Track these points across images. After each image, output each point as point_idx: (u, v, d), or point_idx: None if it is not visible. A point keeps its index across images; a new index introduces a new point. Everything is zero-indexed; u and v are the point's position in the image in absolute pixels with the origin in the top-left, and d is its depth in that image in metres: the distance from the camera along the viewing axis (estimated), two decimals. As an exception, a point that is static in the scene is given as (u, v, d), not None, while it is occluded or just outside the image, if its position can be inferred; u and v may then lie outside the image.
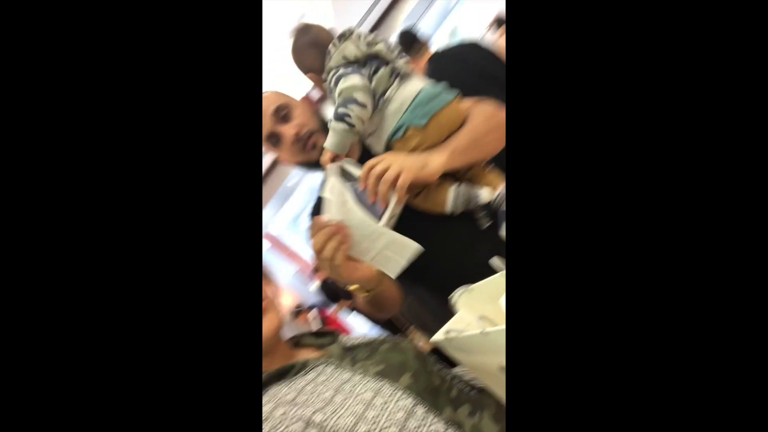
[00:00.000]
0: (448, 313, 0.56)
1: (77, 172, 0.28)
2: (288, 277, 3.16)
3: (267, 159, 2.53)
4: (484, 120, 0.74)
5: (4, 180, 0.26)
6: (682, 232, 0.25)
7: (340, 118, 0.69)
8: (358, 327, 3.02)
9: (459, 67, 1.27)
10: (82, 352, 0.27)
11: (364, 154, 0.78)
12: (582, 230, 0.27)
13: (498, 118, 0.75)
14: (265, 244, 3.33)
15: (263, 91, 0.84)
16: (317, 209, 0.89)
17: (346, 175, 0.71)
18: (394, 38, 1.63)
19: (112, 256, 0.28)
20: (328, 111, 0.77)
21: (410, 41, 1.52)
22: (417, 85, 0.74)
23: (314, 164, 0.83)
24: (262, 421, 0.40)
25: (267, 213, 2.94)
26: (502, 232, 0.73)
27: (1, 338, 0.25)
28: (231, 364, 0.30)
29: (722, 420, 0.23)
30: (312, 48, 0.77)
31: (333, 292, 2.89)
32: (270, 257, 3.32)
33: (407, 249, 0.64)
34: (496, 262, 0.70)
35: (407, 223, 0.70)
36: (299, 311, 3.07)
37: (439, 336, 0.48)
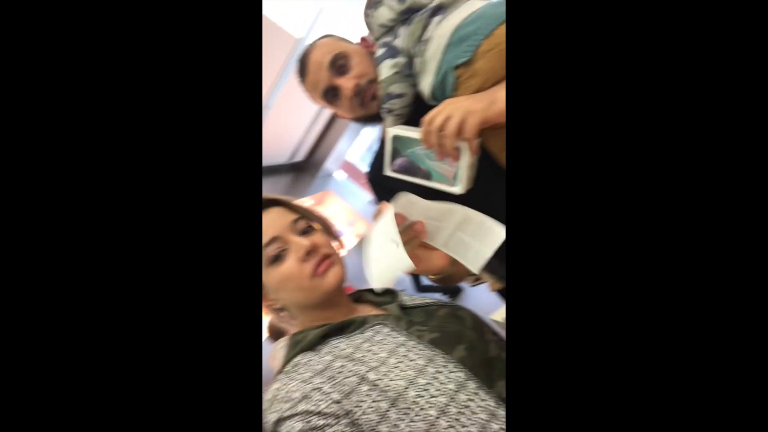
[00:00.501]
0: None
1: (77, 159, 0.27)
2: (362, 205, 3.27)
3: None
4: None
5: (4, 180, 0.26)
6: (680, 237, 0.25)
7: (388, 112, 0.71)
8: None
9: None
10: (84, 348, 0.27)
11: (421, 107, 0.70)
12: (582, 230, 0.26)
13: None
14: (342, 174, 3.43)
15: (319, 38, 0.77)
16: (376, 174, 0.83)
17: (404, 142, 0.63)
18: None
19: (110, 250, 0.28)
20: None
21: None
22: (459, 16, 0.62)
23: (374, 118, 0.76)
24: (261, 420, 0.44)
25: (344, 142, 2.98)
26: None
27: (2, 338, 0.25)
28: (231, 361, 0.30)
29: (720, 419, 0.23)
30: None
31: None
32: (347, 186, 3.44)
33: (491, 234, 0.52)
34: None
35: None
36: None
37: (498, 317, 0.46)
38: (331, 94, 0.75)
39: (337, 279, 0.54)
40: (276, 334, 0.63)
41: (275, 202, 0.60)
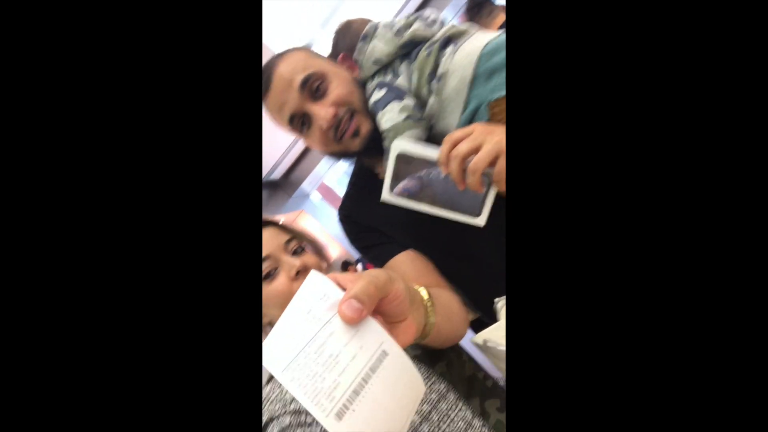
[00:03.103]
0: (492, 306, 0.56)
1: (70, 170, 0.27)
2: (336, 228, 3.27)
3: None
4: None
5: (4, 180, 0.26)
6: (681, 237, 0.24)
7: None
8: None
9: None
10: (84, 348, 0.26)
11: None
12: (582, 232, 0.27)
13: None
14: (317, 195, 3.43)
15: (289, 50, 0.63)
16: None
17: (413, 162, 0.52)
18: (446, 10, 1.49)
19: (109, 250, 0.28)
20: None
21: (479, 5, 1.41)
22: (476, 44, 0.55)
23: (351, 154, 0.62)
24: (262, 421, 0.44)
25: (323, 165, 3.01)
26: None
27: (1, 339, 0.25)
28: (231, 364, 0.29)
29: (719, 420, 0.23)
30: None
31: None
32: (321, 207, 3.43)
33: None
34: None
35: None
36: (347, 265, 3.21)
37: (478, 339, 0.49)
38: (299, 122, 0.61)
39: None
40: None
41: (268, 223, 0.63)
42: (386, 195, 0.55)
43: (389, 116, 0.56)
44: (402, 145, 0.52)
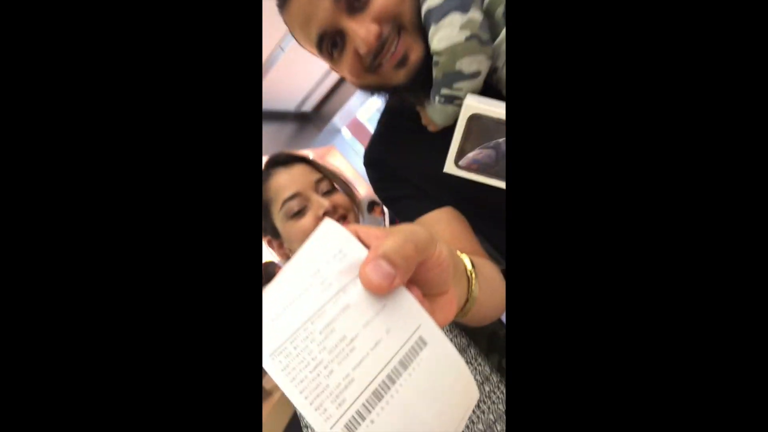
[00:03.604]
0: None
1: (64, 116, 0.25)
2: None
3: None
4: None
5: (3, 180, 0.25)
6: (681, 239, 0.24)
7: (448, 101, 0.43)
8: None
9: None
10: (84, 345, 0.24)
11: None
12: (582, 231, 0.25)
13: None
14: (348, 132, 3.37)
15: None
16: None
17: (485, 126, 0.41)
18: None
19: (108, 241, 0.25)
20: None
21: None
22: None
23: (389, 88, 0.46)
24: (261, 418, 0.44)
25: (356, 99, 2.92)
26: None
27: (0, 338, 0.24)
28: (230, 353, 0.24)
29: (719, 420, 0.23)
30: None
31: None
32: (352, 144, 3.39)
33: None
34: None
35: None
36: (373, 205, 3.22)
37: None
38: (330, 43, 0.44)
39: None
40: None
41: (301, 159, 0.61)
42: (450, 167, 0.44)
43: (446, 32, 0.40)
44: (475, 104, 0.40)
